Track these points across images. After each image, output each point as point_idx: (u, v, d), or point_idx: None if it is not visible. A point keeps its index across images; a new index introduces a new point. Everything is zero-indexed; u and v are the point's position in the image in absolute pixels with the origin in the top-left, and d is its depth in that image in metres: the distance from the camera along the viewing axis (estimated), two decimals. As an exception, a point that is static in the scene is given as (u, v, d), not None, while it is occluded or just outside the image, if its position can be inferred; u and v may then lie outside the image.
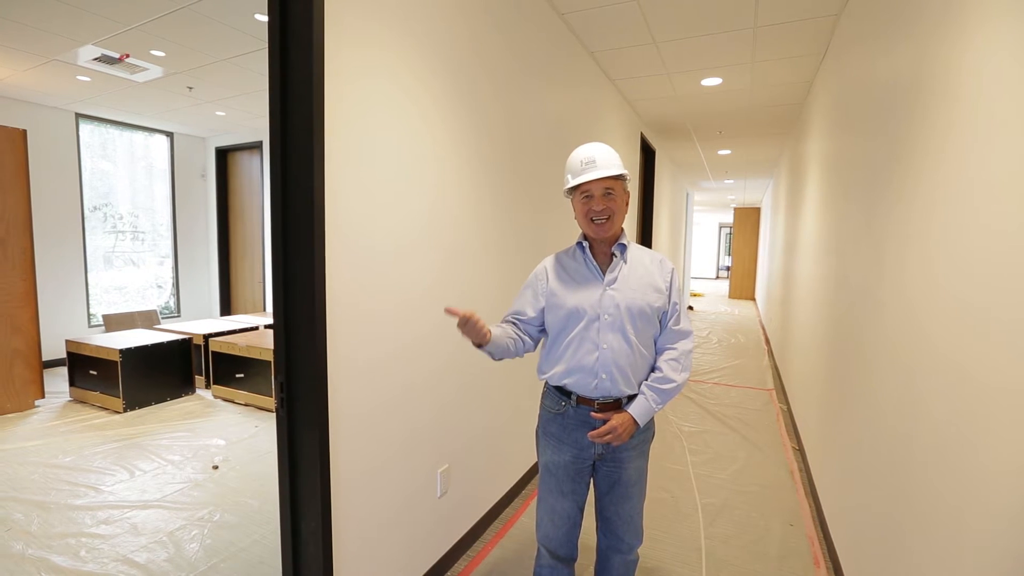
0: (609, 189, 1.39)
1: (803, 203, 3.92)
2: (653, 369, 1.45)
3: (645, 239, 5.84)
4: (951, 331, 1.11)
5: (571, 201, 1.47)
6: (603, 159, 1.39)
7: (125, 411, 3.83)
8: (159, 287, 6.44)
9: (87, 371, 4.03)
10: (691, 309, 10.57)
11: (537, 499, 1.54)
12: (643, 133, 5.22)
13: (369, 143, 1.52)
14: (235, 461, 3.03)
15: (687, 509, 2.56)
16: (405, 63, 1.64)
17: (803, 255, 3.71)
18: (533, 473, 2.85)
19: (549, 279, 1.48)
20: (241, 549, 2.18)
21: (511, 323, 1.50)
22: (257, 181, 6.34)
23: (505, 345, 1.41)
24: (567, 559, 1.52)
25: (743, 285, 12.89)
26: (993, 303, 0.95)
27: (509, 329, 1.46)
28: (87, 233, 5.53)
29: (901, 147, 1.52)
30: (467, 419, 2.16)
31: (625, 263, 1.45)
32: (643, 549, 1.97)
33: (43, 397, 3.96)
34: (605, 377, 1.39)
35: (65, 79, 4.27)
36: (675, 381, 1.41)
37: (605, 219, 1.40)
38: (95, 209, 5.68)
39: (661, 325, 1.45)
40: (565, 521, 1.48)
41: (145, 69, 3.96)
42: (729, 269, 13.65)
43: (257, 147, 6.28)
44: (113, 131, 5.77)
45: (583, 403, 1.42)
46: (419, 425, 1.84)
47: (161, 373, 4.08)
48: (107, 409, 3.90)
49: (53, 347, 4.90)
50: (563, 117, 3.02)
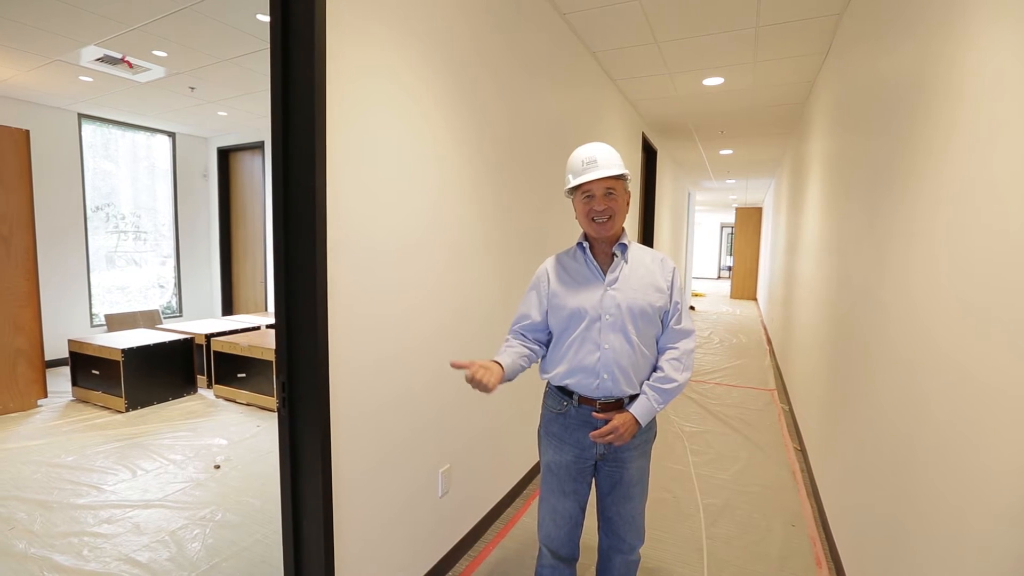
0: (610, 189, 1.39)
1: (805, 203, 3.91)
2: (655, 369, 1.45)
3: (647, 239, 5.83)
4: (953, 331, 1.10)
5: (572, 201, 1.47)
6: (604, 159, 1.39)
7: (127, 411, 3.84)
8: (161, 287, 6.46)
9: (89, 371, 4.04)
10: (693, 309, 10.55)
11: (539, 499, 1.54)
12: (645, 133, 5.21)
13: (370, 142, 1.52)
14: (237, 461, 3.04)
15: (689, 509, 2.55)
16: (406, 63, 1.64)
17: (805, 255, 3.70)
18: (534, 473, 2.85)
19: (551, 280, 1.48)
20: (243, 548, 2.18)
21: (518, 337, 1.50)
22: (259, 181, 6.35)
23: (519, 367, 1.41)
24: (569, 559, 1.52)
25: (745, 285, 12.87)
26: (993, 303, 0.95)
27: (518, 347, 1.45)
28: (89, 233, 5.55)
29: (904, 147, 1.52)
30: (468, 419, 2.16)
31: (626, 263, 1.45)
32: (644, 549, 1.97)
33: (46, 396, 3.97)
34: (607, 377, 1.38)
35: (68, 79, 4.28)
36: (677, 381, 1.40)
37: (606, 219, 1.39)
38: (97, 209, 5.70)
39: (663, 324, 1.45)
40: (567, 521, 1.48)
41: (147, 69, 3.97)
42: (731, 269, 13.64)
43: (259, 147, 6.29)
44: (115, 131, 5.78)
45: (585, 403, 1.42)
46: (420, 425, 1.84)
47: (163, 373, 4.09)
48: (109, 409, 3.91)
49: (56, 347, 4.91)
50: (565, 117, 3.02)
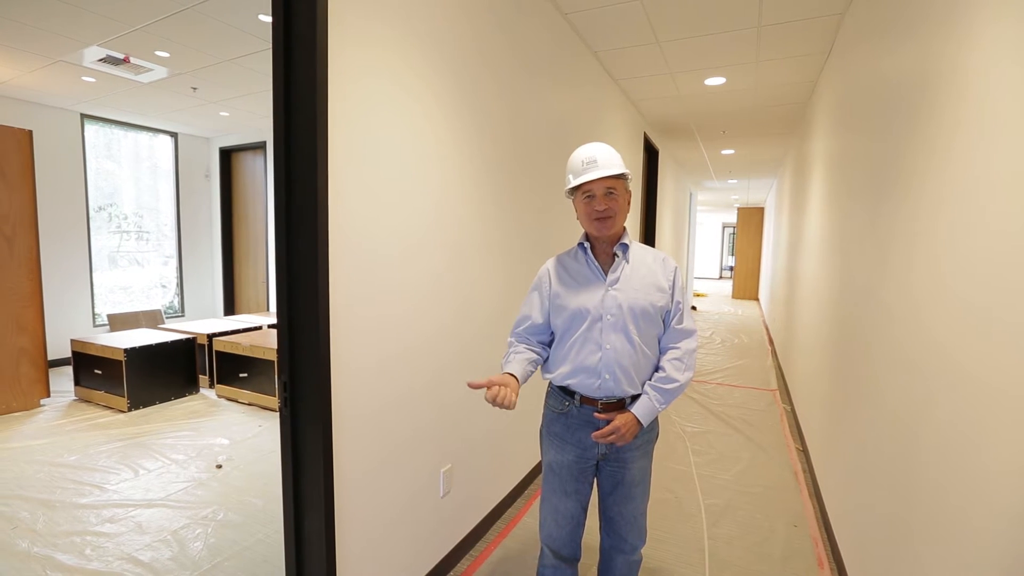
0: (611, 188, 1.39)
1: (807, 203, 3.91)
2: (657, 369, 1.45)
3: (648, 239, 5.83)
4: (955, 331, 1.10)
5: (572, 201, 1.47)
6: (604, 159, 1.39)
7: (130, 410, 3.85)
8: (163, 287, 6.47)
9: (92, 370, 4.05)
10: (694, 309, 10.54)
11: (540, 499, 1.54)
12: (646, 133, 5.21)
13: (372, 142, 1.52)
14: (239, 460, 3.04)
15: (690, 510, 2.55)
16: (408, 62, 1.64)
17: (807, 255, 3.69)
18: (536, 473, 2.85)
19: (552, 281, 1.48)
20: (245, 548, 2.19)
21: (523, 341, 1.49)
22: (261, 181, 6.36)
23: (529, 373, 1.43)
24: (570, 559, 1.52)
25: (747, 285, 12.85)
26: (994, 303, 0.95)
27: (525, 353, 1.45)
28: (92, 233, 5.56)
29: (906, 146, 1.51)
30: (470, 419, 2.16)
31: (627, 263, 1.44)
32: (646, 550, 1.97)
33: (48, 396, 3.99)
34: (608, 377, 1.38)
35: (70, 80, 4.29)
36: (678, 380, 1.40)
37: (607, 219, 1.39)
38: (100, 209, 5.71)
39: (664, 324, 1.45)
40: (568, 521, 1.48)
41: (149, 70, 3.98)
42: (732, 269, 13.62)
43: (261, 147, 6.30)
44: (118, 131, 5.80)
45: (587, 403, 1.42)
46: (422, 425, 1.84)
47: (165, 372, 4.10)
48: (112, 408, 3.92)
49: (58, 346, 4.93)
50: (566, 117, 3.02)
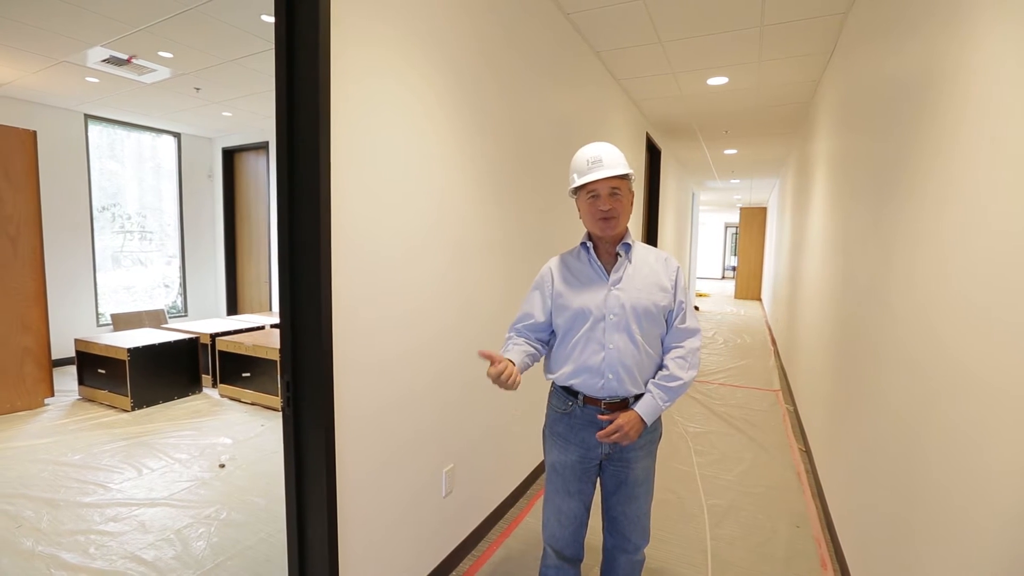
0: (615, 188, 1.39)
1: (810, 203, 3.90)
2: (660, 368, 1.45)
3: (651, 239, 5.82)
4: (960, 331, 1.10)
5: (575, 201, 1.47)
6: (609, 158, 1.39)
7: (133, 409, 3.86)
8: (166, 286, 6.49)
9: (96, 370, 4.06)
10: (697, 309, 10.52)
11: (543, 499, 1.54)
12: (649, 133, 5.21)
13: (374, 142, 1.52)
14: (242, 460, 3.05)
15: (693, 510, 2.55)
16: (410, 62, 1.64)
17: (810, 255, 3.68)
18: (538, 473, 2.85)
19: (555, 280, 1.48)
20: (248, 547, 2.19)
21: (522, 335, 1.50)
22: (263, 181, 6.38)
23: (526, 365, 1.43)
24: (573, 559, 1.52)
25: (749, 285, 12.83)
26: (996, 303, 0.94)
27: (524, 346, 1.46)
28: (96, 233, 5.58)
29: (910, 146, 1.51)
30: (472, 419, 2.16)
31: (630, 263, 1.44)
32: (649, 550, 1.97)
33: (52, 395, 4.00)
34: (612, 377, 1.38)
35: (74, 80, 4.30)
36: (682, 379, 1.40)
37: (611, 219, 1.39)
38: (104, 209, 5.73)
39: (667, 324, 1.45)
40: (572, 521, 1.48)
41: (153, 70, 3.99)
42: (735, 269, 13.59)
43: (263, 147, 6.31)
44: (121, 132, 5.82)
45: (590, 403, 1.42)
46: (425, 425, 1.84)
47: (168, 372, 4.11)
48: (115, 407, 3.94)
49: (62, 346, 4.95)
50: (568, 117, 3.01)
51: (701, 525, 2.41)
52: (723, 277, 19.52)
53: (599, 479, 1.52)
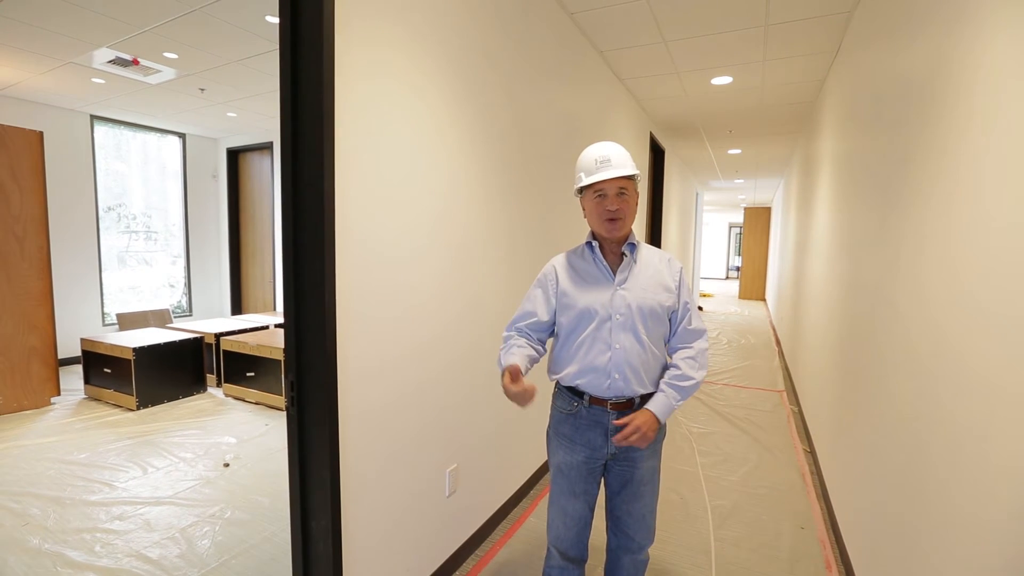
0: (623, 189, 1.39)
1: (815, 202, 3.88)
2: (667, 367, 1.45)
3: (654, 239, 5.81)
4: (968, 331, 1.09)
5: (580, 200, 1.47)
6: (618, 158, 1.39)
7: (138, 408, 3.88)
8: (171, 286, 6.52)
9: (101, 369, 4.09)
10: (701, 310, 10.48)
11: (548, 500, 1.54)
12: (652, 132, 5.19)
13: (378, 142, 1.52)
14: (246, 459, 3.06)
15: (696, 511, 2.54)
16: (414, 62, 1.65)
17: (815, 255, 3.67)
18: (542, 473, 2.85)
19: (560, 279, 1.47)
20: (252, 546, 2.20)
21: (524, 335, 1.47)
22: (267, 181, 6.40)
23: (527, 368, 1.40)
24: (578, 560, 1.52)
25: (753, 285, 12.78)
26: (1003, 303, 0.94)
27: (527, 349, 1.43)
28: (101, 233, 5.61)
29: (916, 145, 1.50)
30: (476, 419, 2.16)
31: (635, 263, 1.45)
32: (652, 551, 1.96)
33: (59, 394, 4.03)
34: (618, 377, 1.38)
35: (80, 81, 4.33)
36: (694, 378, 1.40)
37: (618, 220, 1.39)
38: (109, 209, 5.76)
39: (672, 324, 1.46)
40: (576, 522, 1.48)
41: (158, 71, 4.01)
42: (739, 269, 13.54)
43: (268, 148, 6.33)
44: (127, 132, 5.85)
45: (596, 403, 1.42)
46: (428, 424, 1.84)
47: (173, 371, 4.13)
48: (121, 406, 3.96)
49: (68, 345, 4.98)
50: (572, 116, 3.01)
51: (705, 526, 2.41)
52: (727, 277, 19.46)
53: (604, 479, 1.52)
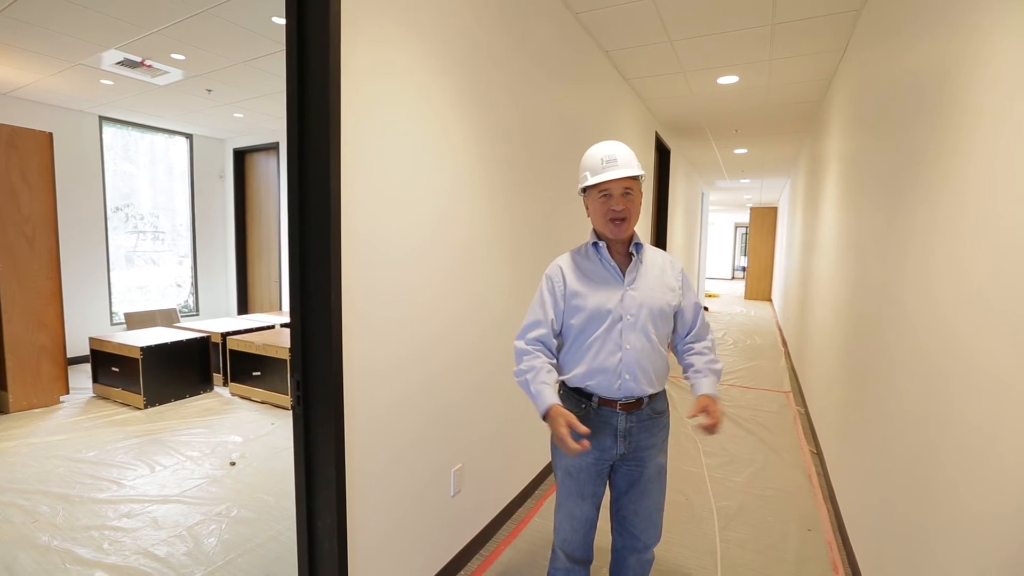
0: (628, 189, 1.39)
1: (822, 202, 3.85)
2: (697, 354, 1.49)
3: (660, 239, 5.79)
4: (978, 330, 1.08)
5: (584, 199, 1.47)
6: (624, 158, 1.38)
7: (146, 407, 3.91)
8: (178, 286, 6.57)
9: (110, 368, 4.12)
10: (706, 310, 10.46)
11: (556, 505, 1.52)
12: (658, 132, 5.18)
13: (384, 142, 1.53)
14: (252, 458, 3.08)
15: (702, 512, 2.53)
16: (419, 62, 1.65)
17: (822, 255, 3.64)
18: (546, 473, 2.84)
19: (567, 280, 1.45)
20: (258, 545, 2.21)
21: (537, 347, 1.42)
22: (274, 182, 6.43)
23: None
24: (584, 561, 1.52)
25: (759, 286, 12.72)
26: (1015, 300, 0.93)
27: (552, 370, 1.39)
28: (110, 233, 5.66)
29: (927, 144, 1.48)
30: (481, 418, 2.16)
31: (641, 263, 1.45)
32: (657, 551, 1.95)
33: (68, 393, 4.07)
34: (628, 377, 1.38)
35: (89, 83, 4.37)
36: (720, 363, 1.49)
37: (623, 220, 1.39)
38: (117, 210, 5.81)
39: (685, 321, 1.50)
40: (584, 524, 1.48)
41: (166, 72, 4.04)
42: (745, 270, 13.48)
43: (274, 148, 6.37)
44: (135, 133, 5.89)
45: (605, 404, 1.41)
46: (433, 424, 1.84)
47: (180, 370, 4.16)
48: (128, 405, 3.99)
49: (77, 344, 5.03)
50: (577, 116, 3.01)
51: (710, 527, 2.39)
52: (733, 278, 19.37)
53: (609, 480, 1.51)
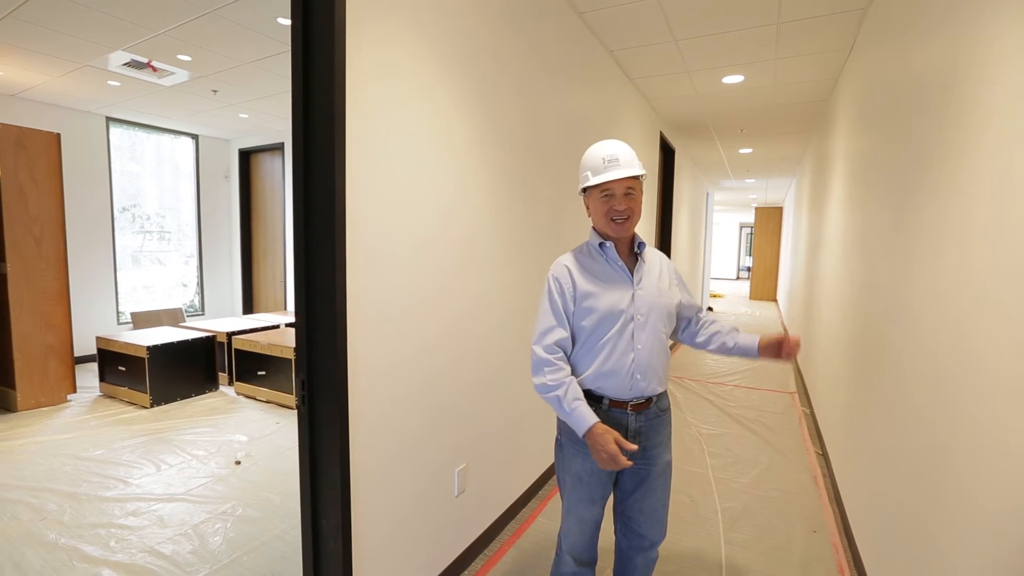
0: (630, 188, 1.38)
1: (828, 202, 3.83)
2: (699, 333, 1.59)
3: (665, 239, 5.78)
4: (987, 329, 1.07)
5: (584, 199, 1.46)
6: (625, 158, 1.38)
7: (152, 406, 3.94)
8: (184, 286, 6.60)
9: (116, 367, 4.15)
10: (711, 310, 10.43)
11: (565, 511, 1.50)
12: (663, 132, 5.17)
13: (388, 142, 1.53)
14: (257, 457, 3.09)
15: (707, 513, 2.52)
16: (423, 62, 1.65)
17: (828, 255, 3.62)
18: (551, 473, 2.84)
19: (576, 282, 1.41)
20: (263, 543, 2.22)
21: (556, 354, 1.38)
22: (279, 182, 6.46)
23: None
24: (590, 562, 1.52)
25: (764, 286, 12.67)
26: (1017, 300, 0.92)
27: (573, 377, 1.37)
28: (116, 233, 5.70)
29: (934, 143, 1.47)
30: (485, 418, 2.16)
31: (645, 262, 1.45)
32: (662, 551, 1.95)
33: (75, 392, 4.09)
34: (640, 377, 1.38)
35: (97, 84, 4.40)
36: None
37: (626, 220, 1.39)
38: (124, 210, 5.85)
39: (685, 311, 1.56)
40: (592, 527, 1.48)
41: (172, 73, 4.06)
42: (750, 270, 13.42)
43: (279, 148, 6.39)
44: (141, 134, 5.93)
45: (616, 406, 1.40)
46: (437, 424, 1.85)
47: (186, 370, 4.18)
48: (135, 404, 4.01)
49: (84, 343, 5.06)
50: (581, 116, 3.00)
51: (715, 529, 2.39)
52: (738, 278, 19.29)
53: (615, 481, 1.50)
